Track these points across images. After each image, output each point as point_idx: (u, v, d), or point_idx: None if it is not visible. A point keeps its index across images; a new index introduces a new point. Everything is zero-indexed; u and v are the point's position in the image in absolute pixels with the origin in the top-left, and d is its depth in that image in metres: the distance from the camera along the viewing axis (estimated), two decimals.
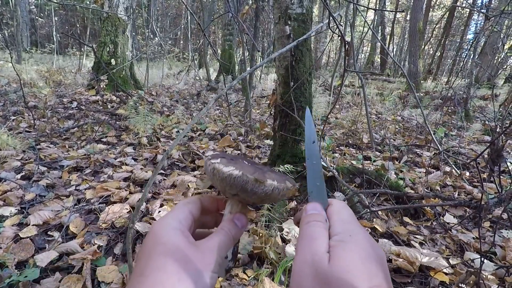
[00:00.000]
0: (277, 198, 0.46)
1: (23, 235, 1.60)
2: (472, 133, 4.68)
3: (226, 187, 0.46)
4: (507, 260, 1.65)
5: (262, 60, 7.42)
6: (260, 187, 0.43)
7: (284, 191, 0.45)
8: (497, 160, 1.01)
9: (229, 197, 0.49)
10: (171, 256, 0.36)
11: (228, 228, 0.44)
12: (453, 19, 16.50)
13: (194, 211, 0.44)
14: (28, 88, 5.37)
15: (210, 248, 0.40)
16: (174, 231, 0.39)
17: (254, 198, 0.45)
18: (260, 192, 0.44)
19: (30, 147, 2.83)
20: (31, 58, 11.33)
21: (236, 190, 0.44)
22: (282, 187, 0.44)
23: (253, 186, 0.43)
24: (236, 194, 0.46)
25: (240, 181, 0.43)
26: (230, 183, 0.44)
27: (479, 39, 6.04)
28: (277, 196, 0.45)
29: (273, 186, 0.44)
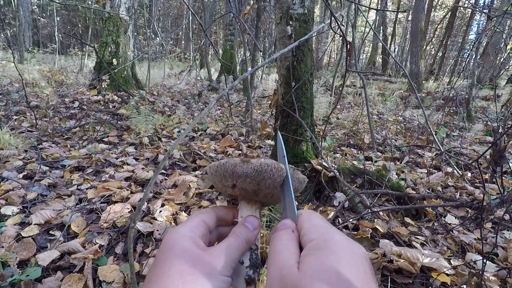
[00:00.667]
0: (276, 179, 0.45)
1: (25, 234, 1.60)
2: (474, 133, 4.66)
3: (222, 180, 0.47)
4: (508, 261, 1.64)
5: (263, 61, 7.43)
6: (249, 166, 0.44)
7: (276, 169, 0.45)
8: (499, 161, 1.00)
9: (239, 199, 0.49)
10: (177, 261, 0.36)
11: (238, 230, 0.43)
12: (455, 19, 16.46)
13: (207, 220, 0.44)
14: (30, 88, 5.39)
15: (218, 250, 0.39)
16: (183, 237, 0.39)
17: (253, 185, 0.46)
18: (252, 173, 0.44)
19: (32, 146, 2.84)
20: (33, 58, 11.37)
21: (230, 179, 0.46)
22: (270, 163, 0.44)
23: (242, 168, 0.45)
24: (234, 185, 0.47)
25: (229, 166, 0.45)
26: (222, 173, 0.46)
27: (481, 40, 6.02)
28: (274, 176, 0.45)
29: (260, 162, 0.44)
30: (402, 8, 17.94)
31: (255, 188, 0.46)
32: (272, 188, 0.46)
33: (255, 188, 0.46)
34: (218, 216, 0.46)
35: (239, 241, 0.42)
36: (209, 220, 0.44)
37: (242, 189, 0.47)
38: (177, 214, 1.93)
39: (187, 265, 0.35)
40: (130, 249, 0.99)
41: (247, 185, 0.46)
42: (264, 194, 0.47)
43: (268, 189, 0.46)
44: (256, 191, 0.47)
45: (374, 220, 1.94)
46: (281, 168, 0.45)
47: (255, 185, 0.46)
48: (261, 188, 0.46)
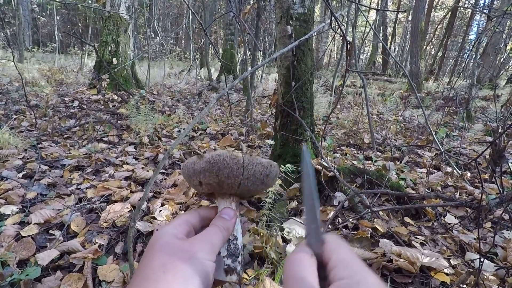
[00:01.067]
0: (233, 168, 0.46)
1: (25, 233, 1.60)
2: (473, 133, 4.66)
3: (191, 180, 0.50)
4: (508, 261, 1.64)
5: (263, 60, 7.42)
6: (203, 160, 0.47)
7: (229, 157, 0.46)
8: (498, 161, 1.00)
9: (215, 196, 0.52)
10: (158, 253, 0.38)
11: (215, 221, 0.45)
12: (455, 20, 16.46)
13: (191, 219, 0.46)
14: (30, 87, 5.39)
15: (197, 238, 0.41)
16: (165, 233, 0.41)
17: (213, 178, 0.47)
18: (207, 166, 0.46)
19: (31, 146, 2.84)
20: (33, 57, 11.36)
21: (195, 177, 0.49)
22: (221, 153, 0.46)
23: (199, 164, 0.47)
24: (200, 182, 0.49)
25: (190, 166, 0.49)
26: (187, 173, 0.50)
27: (481, 40, 6.02)
28: (229, 165, 0.46)
29: (211, 154, 0.46)
30: (402, 8, 17.94)
31: (217, 180, 0.47)
32: (233, 177, 0.47)
33: (217, 181, 0.47)
34: (201, 216, 0.48)
35: (217, 229, 0.44)
36: (192, 219, 0.46)
37: (207, 184, 0.49)
38: (177, 213, 1.93)
39: (167, 255, 0.37)
40: (130, 248, 0.99)
41: (209, 179, 0.48)
42: (229, 185, 0.48)
43: (230, 179, 0.47)
44: (219, 184, 0.48)
45: (373, 220, 1.94)
46: (234, 157, 0.46)
47: (214, 177, 0.47)
48: (222, 180, 0.47)
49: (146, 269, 0.37)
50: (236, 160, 0.47)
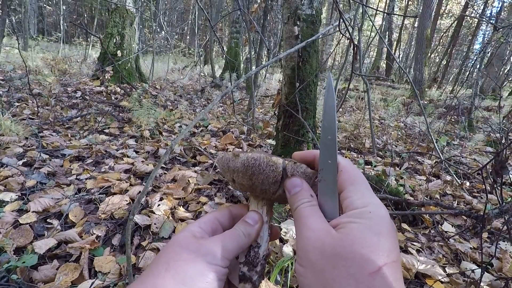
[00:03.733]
0: (269, 175, 0.43)
1: (23, 221, 1.60)
2: (474, 143, 4.67)
3: (225, 174, 0.48)
4: (503, 272, 1.64)
5: (268, 60, 7.42)
6: (237, 160, 0.44)
7: (266, 163, 0.42)
8: (500, 172, 1.01)
9: (249, 194, 0.49)
10: (168, 248, 0.37)
11: (237, 224, 0.43)
12: (461, 29, 16.45)
13: (220, 217, 0.44)
14: (33, 76, 5.38)
15: (211, 239, 0.39)
16: (186, 230, 0.39)
17: (246, 180, 0.44)
18: (241, 167, 0.43)
19: (32, 134, 2.84)
20: (37, 45, 11.35)
21: (228, 173, 0.47)
22: (258, 157, 0.42)
23: (234, 163, 0.44)
24: (233, 179, 0.47)
25: (225, 161, 0.46)
26: (222, 167, 0.47)
27: (486, 50, 6.02)
28: (265, 171, 0.42)
29: (247, 156, 0.43)
30: (408, 15, 17.90)
31: (249, 183, 0.44)
32: (268, 184, 0.43)
33: (250, 184, 0.44)
34: (233, 213, 0.46)
35: (236, 233, 0.41)
36: (221, 217, 0.44)
37: (240, 184, 0.46)
38: (175, 208, 1.93)
39: (174, 253, 0.36)
40: (128, 241, 0.99)
41: (242, 180, 0.45)
42: (262, 190, 0.44)
43: (264, 185, 0.44)
44: (251, 187, 0.45)
45: None
46: (272, 163, 0.42)
47: (248, 180, 0.44)
48: (255, 184, 0.44)
49: (153, 263, 0.36)
50: (274, 167, 0.42)
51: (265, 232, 0.45)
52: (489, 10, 16.49)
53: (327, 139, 0.39)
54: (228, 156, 0.45)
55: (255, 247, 0.43)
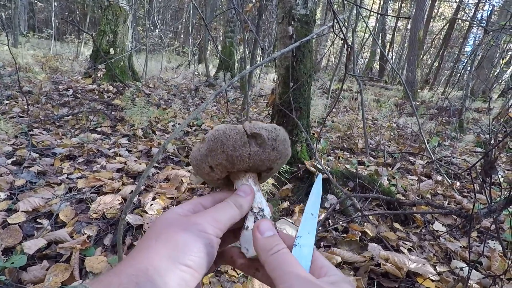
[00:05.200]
0: (236, 139, 0.45)
1: (12, 221, 1.57)
2: (464, 144, 4.74)
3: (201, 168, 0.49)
4: (492, 270, 1.68)
5: (262, 60, 7.42)
6: (205, 141, 0.46)
7: (228, 129, 0.45)
8: (489, 172, 1.02)
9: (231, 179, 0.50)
10: (155, 227, 0.37)
11: (229, 198, 0.44)
12: (453, 31, 16.70)
13: (204, 202, 0.44)
14: (23, 73, 5.28)
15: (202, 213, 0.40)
16: (169, 212, 0.40)
17: (221, 156, 0.46)
18: (212, 145, 0.45)
19: (22, 132, 2.79)
20: (27, 42, 11.15)
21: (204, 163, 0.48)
22: (220, 127, 0.45)
23: (203, 147, 0.46)
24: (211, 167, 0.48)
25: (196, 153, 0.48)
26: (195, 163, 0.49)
27: (476, 52, 6.12)
28: (231, 137, 0.45)
29: (211, 132, 0.45)
30: (402, 16, 18.08)
31: (224, 157, 0.46)
32: (239, 148, 0.45)
33: (225, 157, 0.46)
34: (215, 199, 0.46)
35: (227, 204, 0.42)
36: (206, 202, 0.44)
37: (218, 165, 0.47)
38: (168, 208, 1.91)
39: (163, 227, 0.37)
40: (120, 240, 0.98)
41: (217, 159, 0.46)
42: (239, 158, 0.46)
43: (237, 151, 0.45)
44: (228, 160, 0.46)
45: (363, 224, 1.96)
46: (233, 127, 0.45)
47: (221, 154, 0.45)
48: (229, 154, 0.45)
49: (140, 241, 0.36)
50: (236, 130, 0.45)
51: (262, 198, 0.47)
52: (480, 13, 16.78)
53: (310, 215, 0.44)
54: (196, 147, 0.48)
55: (260, 212, 0.45)
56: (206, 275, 0.39)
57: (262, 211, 0.45)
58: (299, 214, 1.96)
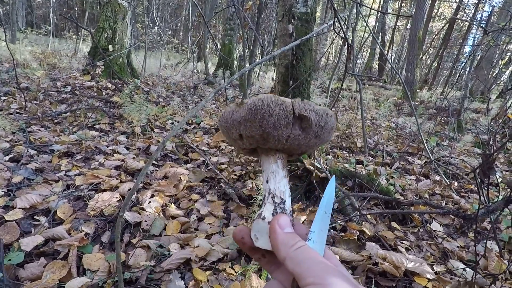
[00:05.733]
0: (280, 116, 0.39)
1: (9, 218, 1.56)
2: (463, 144, 4.76)
3: (229, 133, 0.44)
4: (488, 270, 1.68)
5: (261, 58, 7.38)
6: (243, 108, 0.40)
7: (274, 102, 0.39)
8: (488, 172, 1.03)
9: (259, 153, 0.46)
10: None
11: None
12: (452, 31, 16.71)
13: None
14: (21, 69, 5.25)
15: None
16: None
17: (256, 129, 0.41)
18: (248, 114, 0.40)
19: (20, 129, 2.77)
20: (25, 38, 11.07)
21: (234, 129, 0.43)
22: (265, 97, 0.39)
23: (238, 113, 0.41)
24: (240, 135, 0.44)
25: (228, 115, 0.43)
26: (225, 125, 0.44)
27: (476, 53, 6.13)
28: (275, 112, 0.39)
29: (253, 99, 0.39)
30: (403, 15, 18.08)
31: (260, 132, 0.41)
32: (280, 127, 0.40)
33: (260, 132, 0.41)
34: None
35: None
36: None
37: (249, 137, 0.43)
38: (167, 205, 1.91)
39: None
40: (118, 238, 0.97)
41: (250, 131, 0.41)
42: (275, 138, 0.41)
43: (275, 130, 0.40)
44: (263, 136, 0.41)
45: (362, 223, 1.96)
46: (282, 101, 0.39)
47: (257, 128, 0.40)
48: (266, 131, 0.40)
49: None
50: (283, 106, 0.39)
51: (286, 186, 0.44)
52: (479, 14, 16.81)
53: (324, 213, 0.43)
54: (231, 109, 0.42)
55: (281, 203, 0.42)
56: None
57: (284, 203, 0.42)
58: (297, 212, 1.96)
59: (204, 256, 1.50)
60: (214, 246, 1.57)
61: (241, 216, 1.89)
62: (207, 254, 1.51)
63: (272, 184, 0.43)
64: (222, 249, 1.55)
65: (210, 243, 1.60)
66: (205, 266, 1.46)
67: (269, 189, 0.43)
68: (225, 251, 1.54)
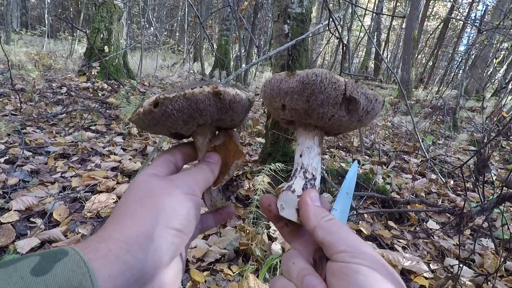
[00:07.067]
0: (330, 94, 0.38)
1: (4, 220, 1.55)
2: (458, 142, 4.79)
3: (272, 102, 0.45)
4: (484, 268, 1.70)
5: (257, 58, 7.41)
6: (294, 78, 0.39)
7: (328, 80, 0.38)
8: (482, 170, 1.04)
9: (296, 125, 0.46)
10: (135, 190, 0.37)
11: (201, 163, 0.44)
12: (447, 31, 16.84)
13: (172, 158, 0.44)
14: (16, 70, 5.21)
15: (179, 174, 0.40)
16: (145, 174, 0.39)
17: (302, 103, 0.40)
18: (298, 86, 0.39)
19: (15, 130, 2.75)
20: (20, 39, 10.99)
21: (278, 98, 0.43)
22: (320, 72, 0.38)
23: (287, 83, 0.40)
24: (283, 105, 0.44)
25: (274, 83, 0.42)
26: (269, 93, 0.44)
27: (470, 52, 6.18)
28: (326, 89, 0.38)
29: (307, 72, 0.38)
30: (397, 15, 18.18)
31: (306, 106, 0.40)
32: (327, 105, 0.39)
33: (306, 107, 0.40)
34: (183, 153, 0.46)
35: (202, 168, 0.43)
36: (173, 158, 0.44)
37: (292, 110, 0.42)
38: None
39: (145, 191, 0.36)
40: None
41: (296, 104, 0.40)
42: (319, 115, 0.40)
43: (322, 107, 0.39)
44: (308, 112, 0.40)
45: (358, 222, 1.97)
46: (336, 80, 0.37)
47: (304, 102, 0.39)
48: (312, 107, 0.39)
49: (122, 207, 0.35)
50: (336, 85, 0.38)
51: (319, 164, 0.44)
52: (473, 13, 16.95)
53: (346, 194, 0.44)
54: (280, 77, 0.40)
55: (312, 180, 0.43)
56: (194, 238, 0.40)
57: (314, 180, 0.43)
58: None
59: (202, 256, 1.50)
60: (212, 246, 1.57)
61: (238, 217, 1.90)
62: (204, 254, 1.50)
63: (306, 159, 0.44)
64: (220, 249, 1.55)
65: (207, 243, 1.60)
66: (203, 267, 1.46)
67: (302, 164, 0.44)
68: (222, 251, 1.54)
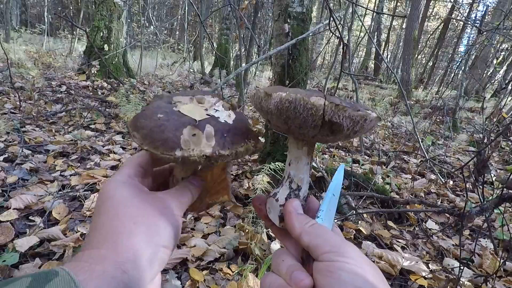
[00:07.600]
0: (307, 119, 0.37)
1: (3, 218, 1.55)
2: (458, 143, 4.79)
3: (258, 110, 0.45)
4: (483, 268, 1.70)
5: (257, 57, 7.40)
6: (270, 101, 0.38)
7: (303, 106, 0.36)
8: (482, 171, 1.04)
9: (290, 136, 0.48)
10: (122, 206, 0.36)
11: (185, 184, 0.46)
12: (447, 31, 16.84)
13: (143, 163, 0.44)
14: (16, 68, 5.19)
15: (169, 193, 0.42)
16: (122, 184, 0.39)
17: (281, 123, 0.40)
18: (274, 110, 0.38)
19: (14, 129, 2.74)
20: (20, 37, 10.96)
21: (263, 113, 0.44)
22: (294, 98, 0.36)
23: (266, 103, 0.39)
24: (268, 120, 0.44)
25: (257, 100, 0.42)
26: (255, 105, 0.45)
27: (470, 52, 6.17)
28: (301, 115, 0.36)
29: (280, 97, 0.37)
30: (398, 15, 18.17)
31: (285, 127, 0.39)
32: (306, 128, 0.37)
33: (286, 127, 0.39)
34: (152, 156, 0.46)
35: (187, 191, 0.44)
36: (144, 163, 0.44)
37: (276, 126, 0.42)
38: None
39: (135, 208, 0.36)
40: None
41: (276, 122, 0.40)
42: (300, 134, 0.39)
43: (301, 129, 0.38)
44: (288, 130, 0.40)
45: (358, 222, 1.97)
46: (311, 106, 0.35)
47: (282, 123, 0.39)
48: (291, 128, 0.38)
49: (112, 222, 0.35)
50: (313, 111, 0.35)
51: (306, 174, 0.45)
52: (474, 13, 16.95)
53: (332, 195, 0.47)
54: (260, 95, 0.39)
55: (296, 190, 0.44)
56: None
57: (299, 190, 0.44)
58: None
59: (201, 255, 1.50)
60: (211, 245, 1.57)
61: (238, 216, 1.89)
62: (203, 253, 1.50)
63: (293, 170, 0.44)
64: (219, 248, 1.55)
65: (206, 242, 1.60)
66: (202, 265, 1.46)
67: (289, 173, 0.45)
68: (221, 250, 1.54)
